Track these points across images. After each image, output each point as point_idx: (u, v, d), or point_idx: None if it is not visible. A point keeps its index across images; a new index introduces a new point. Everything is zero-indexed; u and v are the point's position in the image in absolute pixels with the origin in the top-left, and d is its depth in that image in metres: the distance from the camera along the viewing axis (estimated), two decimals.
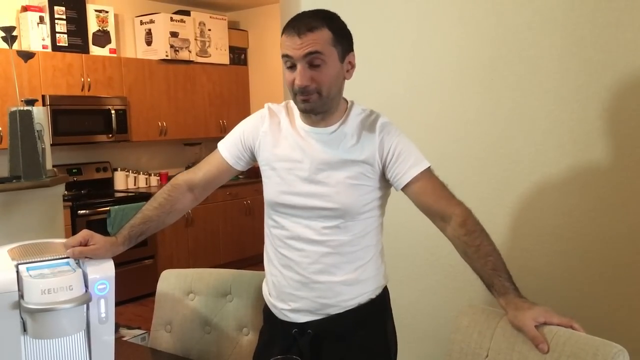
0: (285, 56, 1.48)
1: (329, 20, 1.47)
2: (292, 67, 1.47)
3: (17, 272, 1.32)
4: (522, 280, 1.46)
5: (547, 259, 2.05)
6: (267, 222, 1.66)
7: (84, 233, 1.49)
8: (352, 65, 1.54)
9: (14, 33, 2.57)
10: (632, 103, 1.86)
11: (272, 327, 1.67)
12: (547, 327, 1.34)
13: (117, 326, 3.75)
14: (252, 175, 6.09)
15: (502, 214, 2.13)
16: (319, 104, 1.49)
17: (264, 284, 1.72)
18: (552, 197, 2.03)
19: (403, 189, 1.54)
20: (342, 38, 1.49)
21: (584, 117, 1.94)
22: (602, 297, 1.95)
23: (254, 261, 5.68)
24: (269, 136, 1.61)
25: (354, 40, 1.54)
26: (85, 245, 1.46)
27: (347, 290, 1.57)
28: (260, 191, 1.70)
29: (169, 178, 1.41)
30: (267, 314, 1.69)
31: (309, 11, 1.50)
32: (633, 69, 1.85)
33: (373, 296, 1.61)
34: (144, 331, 3.66)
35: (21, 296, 1.30)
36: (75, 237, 1.48)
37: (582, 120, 1.94)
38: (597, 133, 1.93)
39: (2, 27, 2.52)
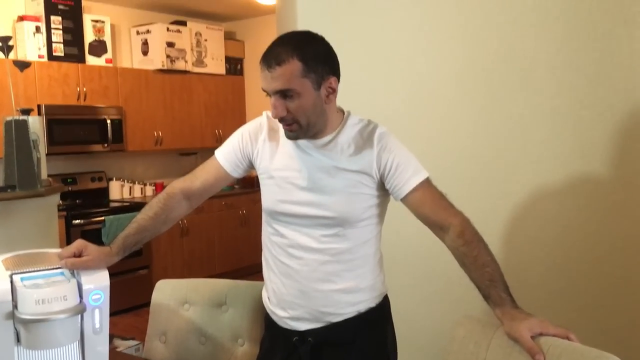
0: (263, 89, 1.49)
1: (300, 50, 1.43)
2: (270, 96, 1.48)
3: (11, 282, 1.32)
4: (519, 291, 1.45)
5: (544, 269, 2.05)
6: (266, 230, 1.65)
7: (78, 244, 1.48)
8: (333, 90, 1.51)
9: (10, 43, 2.58)
10: (629, 113, 1.87)
11: (272, 334, 1.67)
12: (544, 338, 1.33)
13: (112, 337, 3.73)
14: (247, 185, 6.09)
15: (499, 224, 2.13)
16: (302, 132, 1.50)
17: (263, 291, 1.72)
18: (548, 208, 2.03)
19: (402, 200, 1.55)
20: (317, 65, 1.45)
21: (580, 127, 1.95)
22: (598, 307, 1.94)
23: (250, 271, 5.66)
24: (268, 145, 1.61)
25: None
26: (79, 256, 1.45)
27: (347, 298, 1.57)
28: (256, 201, 1.71)
29: (164, 188, 1.41)
30: (268, 322, 1.69)
31: (282, 38, 1.48)
32: (629, 79, 1.86)
33: (373, 304, 1.61)
34: (138, 342, 3.64)
35: (15, 306, 1.29)
36: (69, 248, 1.47)
37: (579, 131, 1.95)
38: (594, 143, 1.93)
39: None
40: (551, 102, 1.99)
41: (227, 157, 1.66)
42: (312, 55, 1.45)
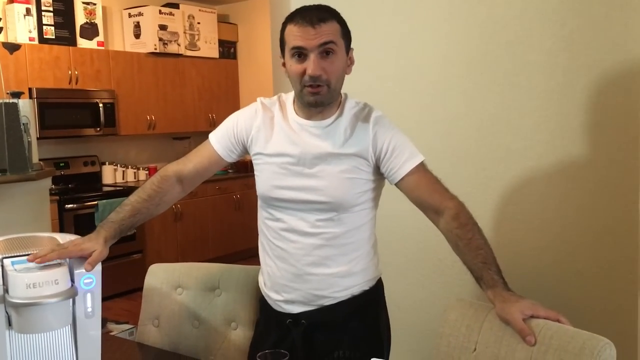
0: (295, 47, 1.47)
1: (336, 14, 1.51)
2: (302, 57, 1.47)
3: (2, 265, 1.31)
4: (510, 274, 1.46)
5: (535, 253, 2.05)
6: (261, 215, 1.65)
7: (77, 248, 1.41)
8: (352, 61, 1.57)
9: (0, 25, 2.54)
10: (620, 98, 1.87)
11: (267, 317, 1.69)
12: (535, 321, 1.34)
13: (105, 321, 3.74)
14: (241, 169, 6.08)
15: (490, 208, 2.13)
16: (327, 97, 1.50)
17: (259, 275, 1.72)
18: (539, 192, 2.04)
19: (397, 183, 1.55)
20: (347, 32, 1.53)
21: (572, 112, 1.95)
22: (589, 291, 1.96)
23: (244, 256, 5.67)
24: (262, 131, 1.60)
25: None
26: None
27: (341, 282, 1.58)
28: (249, 186, 1.71)
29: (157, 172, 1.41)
30: (263, 305, 1.70)
31: (314, 5, 1.51)
32: (621, 64, 1.85)
33: (366, 287, 1.62)
34: (132, 326, 3.65)
35: (6, 290, 1.29)
36: (69, 252, 1.40)
37: (570, 115, 1.95)
38: (585, 128, 1.93)
39: None
40: (543, 85, 1.99)
41: (221, 141, 1.66)
42: (344, 23, 1.53)
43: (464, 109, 2.18)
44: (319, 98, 1.49)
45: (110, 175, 5.55)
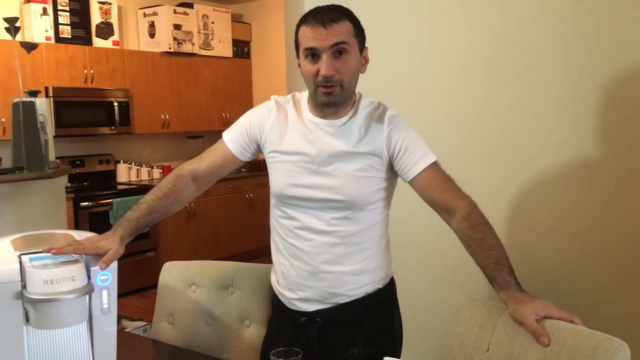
0: (308, 48, 1.48)
1: (349, 15, 1.51)
2: (315, 58, 1.48)
3: (20, 262, 1.33)
4: (524, 275, 1.46)
5: (550, 253, 2.05)
6: (275, 213, 1.66)
7: (93, 246, 1.42)
8: (367, 60, 1.57)
9: (17, 24, 2.57)
10: (636, 98, 1.86)
11: (280, 316, 1.69)
12: (548, 321, 1.34)
13: (119, 318, 3.77)
14: (254, 168, 6.10)
15: (505, 208, 2.13)
16: (340, 97, 1.51)
17: (272, 274, 1.73)
18: (555, 192, 2.03)
19: (410, 182, 1.56)
20: (361, 32, 1.53)
21: (588, 111, 1.93)
22: (604, 292, 1.95)
23: (256, 254, 5.69)
24: (276, 129, 1.61)
25: None
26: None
27: (355, 280, 1.59)
28: (262, 184, 1.72)
29: (171, 171, 1.43)
30: (276, 303, 1.71)
31: (327, 5, 1.52)
32: (637, 63, 1.84)
33: (380, 286, 1.63)
34: (146, 323, 3.68)
35: (24, 286, 1.30)
36: (85, 249, 1.41)
37: (586, 115, 1.94)
38: (601, 128, 1.92)
39: (6, 17, 2.52)
40: (559, 85, 1.98)
41: (235, 140, 1.67)
42: (358, 22, 1.53)
43: (478, 109, 2.18)
44: (332, 98, 1.50)
45: (124, 173, 5.60)
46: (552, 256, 2.04)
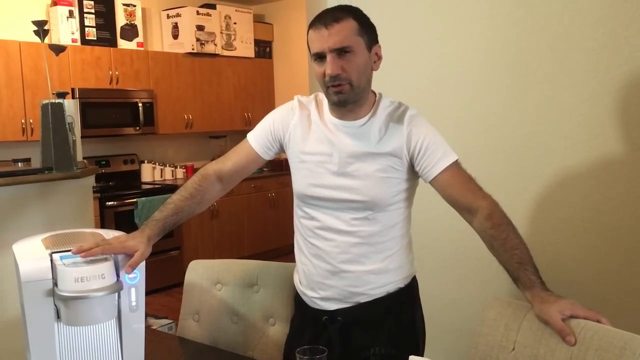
0: (315, 53, 1.50)
1: (354, 12, 1.51)
2: (322, 60, 1.49)
3: (51, 260, 1.36)
4: (549, 274, 1.45)
5: (575, 253, 2.03)
6: (297, 213, 1.67)
7: (120, 245, 1.45)
8: (379, 57, 1.56)
9: (46, 27, 2.62)
10: None
11: (302, 314, 1.71)
12: (575, 321, 1.33)
13: (145, 315, 3.81)
14: (276, 167, 6.13)
15: (529, 208, 2.11)
16: (351, 95, 1.51)
17: (295, 273, 1.75)
18: (580, 191, 2.01)
19: (431, 182, 1.55)
20: (368, 28, 1.52)
21: (614, 110, 1.91)
22: (630, 291, 1.92)
23: (279, 253, 5.71)
24: (299, 129, 1.62)
25: (380, 33, 1.55)
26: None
27: (376, 279, 1.59)
28: (284, 184, 1.73)
29: (194, 170, 1.44)
30: (298, 302, 1.72)
31: (332, 7, 1.53)
32: None
33: (402, 285, 1.63)
34: (171, 321, 3.72)
35: (55, 284, 1.33)
36: (114, 249, 1.43)
37: (612, 113, 1.92)
38: (628, 126, 1.90)
39: (35, 21, 2.56)
40: (585, 83, 1.96)
41: (259, 139, 1.68)
42: (364, 19, 1.52)
43: (502, 108, 2.17)
44: (342, 97, 1.50)
45: (149, 173, 5.66)
46: (578, 255, 2.02)
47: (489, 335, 1.47)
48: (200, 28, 5.78)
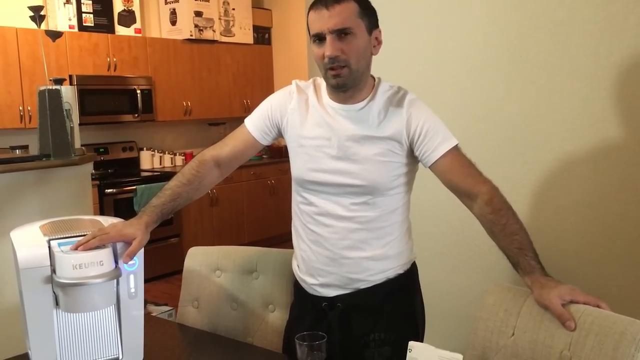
0: (314, 34, 1.48)
1: None
2: (321, 41, 1.47)
3: (49, 247, 1.35)
4: (549, 260, 1.45)
5: (574, 238, 2.02)
6: (295, 199, 1.67)
7: (118, 234, 1.44)
8: (379, 42, 1.55)
9: (42, 12, 2.60)
10: None
11: (302, 301, 1.70)
12: (574, 306, 1.33)
13: (145, 302, 3.82)
14: (275, 155, 6.11)
15: (529, 193, 2.11)
16: (349, 79, 1.49)
17: (293, 260, 1.74)
18: (581, 177, 2.00)
19: (431, 167, 1.54)
20: (369, 11, 1.51)
21: (615, 95, 1.90)
22: (630, 276, 1.92)
23: (278, 240, 5.72)
24: (297, 113, 1.61)
25: (380, 18, 1.53)
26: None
27: (376, 266, 1.58)
28: (284, 171, 1.72)
29: (193, 157, 1.44)
30: (297, 289, 1.72)
31: None
32: None
33: (401, 271, 1.63)
34: (171, 307, 3.73)
35: (53, 271, 1.33)
36: (111, 238, 1.43)
37: (614, 98, 1.90)
38: (629, 111, 1.89)
39: (31, 6, 2.54)
40: (586, 68, 1.95)
41: (257, 124, 1.67)
42: (365, 2, 1.51)
43: (502, 93, 2.15)
44: (340, 80, 1.49)
45: (147, 160, 5.65)
46: (579, 240, 2.02)
47: (489, 321, 1.47)
48: (198, 14, 5.74)
